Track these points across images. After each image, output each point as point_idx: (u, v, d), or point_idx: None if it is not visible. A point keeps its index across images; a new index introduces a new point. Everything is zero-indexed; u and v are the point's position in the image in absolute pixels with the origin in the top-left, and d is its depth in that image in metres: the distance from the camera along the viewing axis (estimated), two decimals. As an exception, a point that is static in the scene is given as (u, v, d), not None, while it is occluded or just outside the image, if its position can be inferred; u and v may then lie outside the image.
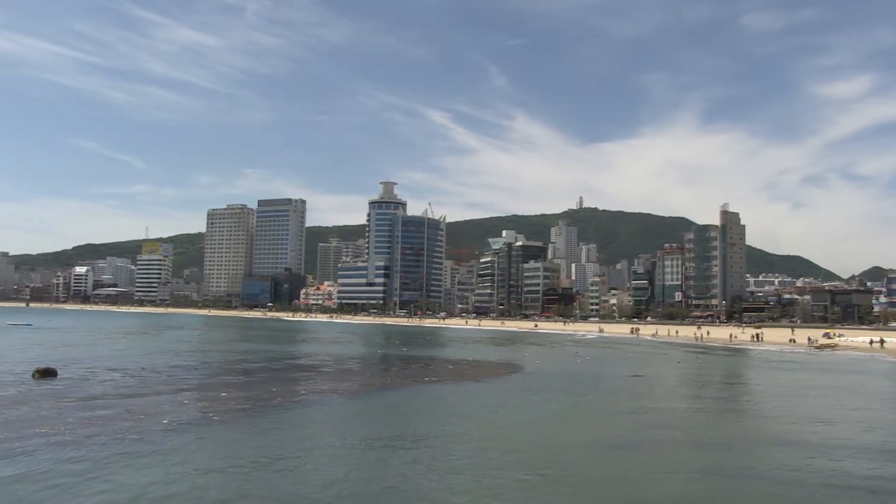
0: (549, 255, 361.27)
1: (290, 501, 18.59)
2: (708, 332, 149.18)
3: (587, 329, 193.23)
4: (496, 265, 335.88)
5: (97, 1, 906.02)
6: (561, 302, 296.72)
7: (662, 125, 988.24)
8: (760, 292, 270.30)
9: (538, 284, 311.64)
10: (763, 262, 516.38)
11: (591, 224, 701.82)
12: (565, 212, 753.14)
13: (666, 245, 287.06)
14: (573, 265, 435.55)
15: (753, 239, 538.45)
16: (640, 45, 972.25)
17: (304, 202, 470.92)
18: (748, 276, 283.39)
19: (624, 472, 22.80)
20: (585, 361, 77.36)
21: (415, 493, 19.74)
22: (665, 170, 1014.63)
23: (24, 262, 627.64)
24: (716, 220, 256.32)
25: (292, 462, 22.97)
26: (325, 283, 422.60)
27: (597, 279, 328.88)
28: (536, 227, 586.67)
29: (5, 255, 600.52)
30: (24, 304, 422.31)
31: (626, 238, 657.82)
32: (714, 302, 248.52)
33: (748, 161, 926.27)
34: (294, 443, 26.61)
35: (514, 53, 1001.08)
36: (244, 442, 26.57)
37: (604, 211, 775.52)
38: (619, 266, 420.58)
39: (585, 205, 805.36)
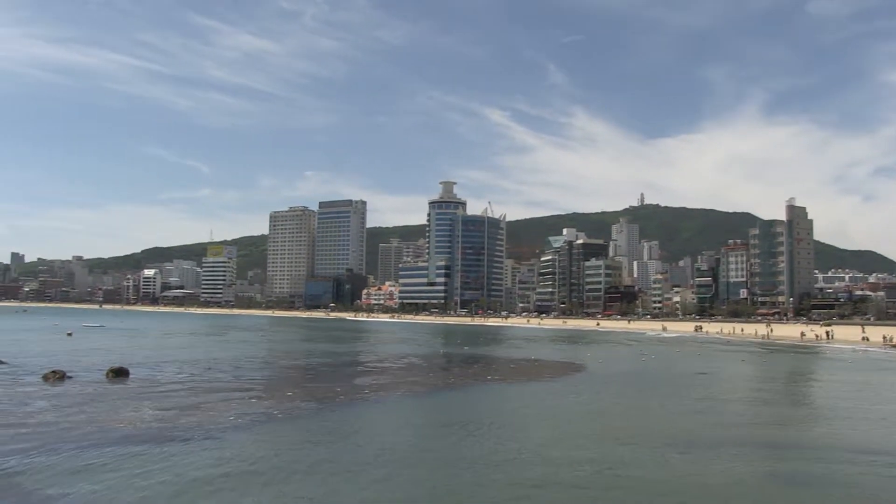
0: (611, 253, 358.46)
1: (351, 500, 18.87)
2: (771, 330, 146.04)
3: (650, 327, 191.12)
4: (557, 263, 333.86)
5: (161, 11, 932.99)
6: (623, 300, 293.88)
7: (725, 119, 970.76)
8: (830, 289, 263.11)
9: (600, 282, 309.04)
10: (833, 257, 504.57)
11: (653, 221, 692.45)
12: (626, 209, 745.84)
13: (730, 241, 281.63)
14: (635, 263, 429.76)
15: (822, 234, 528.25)
16: (701, 36, 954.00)
17: (364, 203, 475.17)
18: (817, 271, 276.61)
19: (684, 473, 22.50)
20: (649, 360, 76.58)
21: (472, 491, 19.83)
22: (728, 164, 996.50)
23: (97, 266, 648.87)
24: (782, 215, 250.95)
25: (355, 460, 23.29)
26: (387, 283, 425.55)
27: (659, 277, 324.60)
28: (597, 224, 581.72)
29: (80, 258, 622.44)
30: (97, 306, 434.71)
31: (688, 235, 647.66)
32: (781, 299, 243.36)
33: (815, 153, 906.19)
34: (357, 441, 27.00)
35: (571, 50, 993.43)
36: (308, 439, 27.02)
37: (666, 207, 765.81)
38: (681, 263, 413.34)
39: (647, 201, 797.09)
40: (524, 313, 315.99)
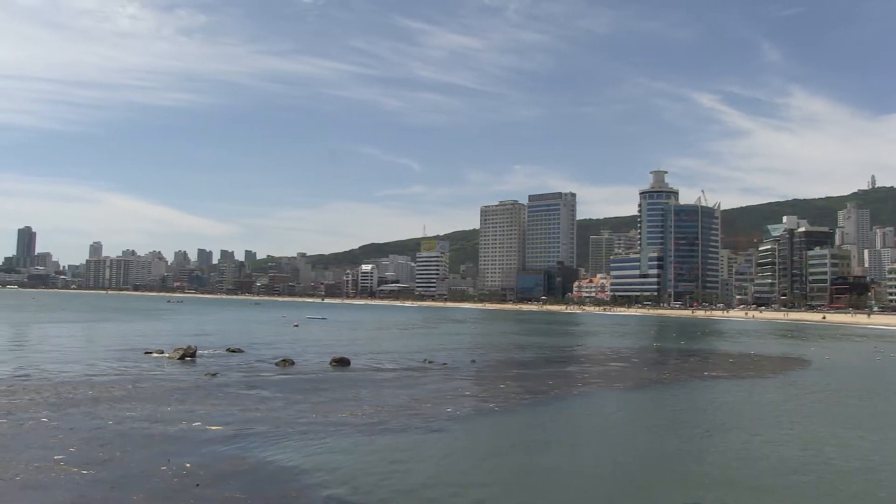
0: (837, 241, 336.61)
1: (572, 487, 18.88)
2: None
3: (886, 322, 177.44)
4: (777, 253, 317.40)
5: (370, 17, 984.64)
6: (852, 292, 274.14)
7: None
8: None
9: (825, 273, 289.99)
10: None
11: (886, 205, 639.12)
12: (855, 193, 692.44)
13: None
14: (866, 251, 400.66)
15: None
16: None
17: (573, 195, 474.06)
18: None
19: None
20: (886, 358, 71.04)
21: (690, 486, 19.18)
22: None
23: (319, 262, 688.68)
24: None
25: (572, 452, 23.30)
26: (598, 275, 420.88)
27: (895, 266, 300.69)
28: (821, 210, 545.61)
29: (304, 255, 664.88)
30: (319, 300, 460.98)
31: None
32: None
33: None
34: (573, 434, 27.02)
35: (787, 24, 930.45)
36: (524, 432, 27.27)
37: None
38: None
39: (879, 184, 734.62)
40: (741, 306, 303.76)
